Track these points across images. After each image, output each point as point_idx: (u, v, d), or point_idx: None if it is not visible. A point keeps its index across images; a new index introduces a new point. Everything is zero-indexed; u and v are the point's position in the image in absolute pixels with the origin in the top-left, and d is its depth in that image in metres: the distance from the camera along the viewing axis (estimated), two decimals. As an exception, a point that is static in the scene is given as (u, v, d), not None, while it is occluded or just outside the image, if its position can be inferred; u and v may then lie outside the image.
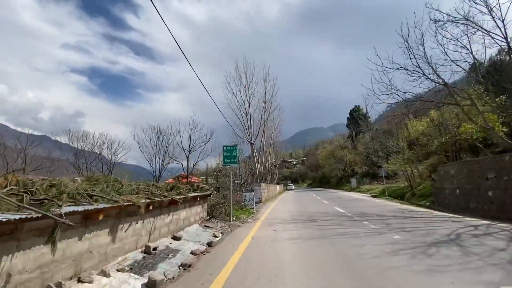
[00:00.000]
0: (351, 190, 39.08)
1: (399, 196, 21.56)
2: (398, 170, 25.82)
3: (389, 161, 26.46)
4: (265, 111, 28.77)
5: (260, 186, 18.06)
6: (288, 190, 56.47)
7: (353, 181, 41.18)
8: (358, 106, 77.07)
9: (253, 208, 12.66)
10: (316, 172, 75.86)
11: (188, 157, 24.64)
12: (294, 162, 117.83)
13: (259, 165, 28.16)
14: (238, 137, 26.04)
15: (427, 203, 15.64)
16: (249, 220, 10.10)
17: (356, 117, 67.14)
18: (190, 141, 24.41)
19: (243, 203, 12.57)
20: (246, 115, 28.74)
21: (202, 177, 42.99)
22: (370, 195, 24.65)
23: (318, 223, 9.02)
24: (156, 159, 26.32)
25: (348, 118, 78.41)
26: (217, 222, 8.72)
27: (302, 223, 9.11)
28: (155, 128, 25.31)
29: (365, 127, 65.44)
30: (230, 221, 9.26)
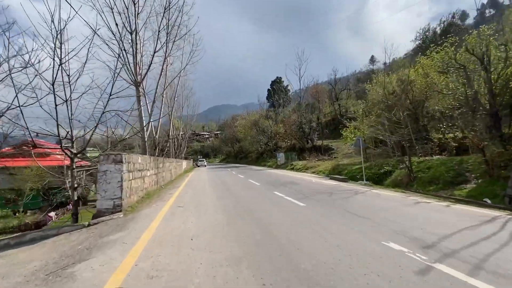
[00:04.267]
0: (278, 167, 31.87)
1: (371, 179, 14.38)
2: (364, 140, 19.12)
3: (346, 128, 19.34)
4: (167, 26, 15.30)
5: (121, 162, 5.69)
6: (198, 166, 45.34)
7: (281, 156, 34.07)
8: (279, 77, 73.03)
9: None
10: (232, 147, 67.42)
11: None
12: (207, 136, 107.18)
13: (151, 125, 15.29)
14: (110, 68, 11.96)
15: (485, 199, 8.13)
16: None
17: (277, 88, 61.20)
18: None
19: None
20: (131, 33, 14.43)
21: (91, 149, 24.04)
22: (326, 177, 16.75)
23: None
24: None
25: (268, 89, 73.61)
26: None
27: None
28: None
29: (287, 99, 60.74)
30: None
